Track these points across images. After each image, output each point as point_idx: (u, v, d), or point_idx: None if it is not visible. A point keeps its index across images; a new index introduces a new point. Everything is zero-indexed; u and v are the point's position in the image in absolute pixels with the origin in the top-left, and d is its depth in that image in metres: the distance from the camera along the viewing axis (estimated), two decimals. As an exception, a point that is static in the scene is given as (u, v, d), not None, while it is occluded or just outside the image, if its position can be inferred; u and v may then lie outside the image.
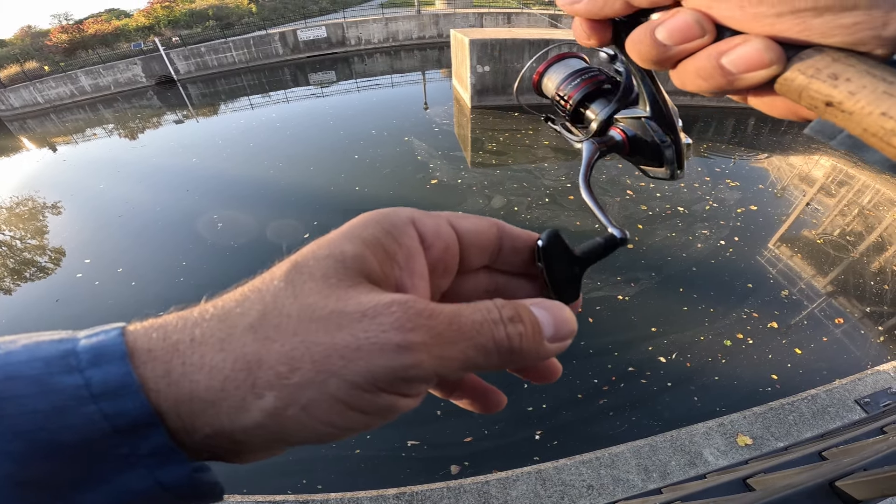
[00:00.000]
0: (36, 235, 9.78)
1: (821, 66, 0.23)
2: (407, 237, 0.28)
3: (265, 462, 1.45)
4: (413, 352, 0.23)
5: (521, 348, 0.26)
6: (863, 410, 3.36)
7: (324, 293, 0.25)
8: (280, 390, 0.23)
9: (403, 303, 0.24)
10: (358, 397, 0.23)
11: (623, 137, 0.43)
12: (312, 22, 27.53)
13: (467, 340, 0.25)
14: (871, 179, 9.15)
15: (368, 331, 0.23)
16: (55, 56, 25.85)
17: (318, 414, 0.23)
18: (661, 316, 5.71)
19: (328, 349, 0.23)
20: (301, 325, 0.24)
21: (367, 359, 0.23)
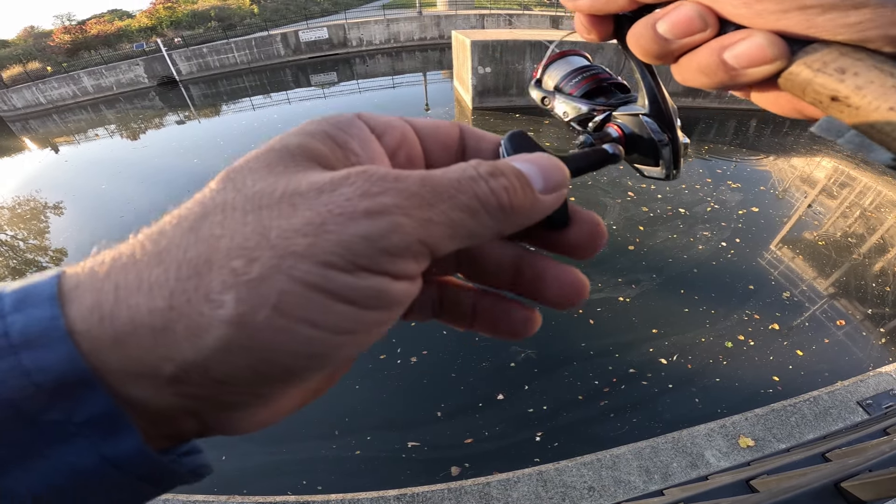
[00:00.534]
0: (37, 236, 9.80)
1: (827, 61, 0.22)
2: (356, 128, 0.24)
3: (265, 462, 1.45)
4: (387, 214, 0.19)
5: (512, 204, 0.23)
6: (865, 412, 3.35)
7: (270, 180, 0.21)
8: (239, 289, 0.18)
9: (362, 171, 0.21)
10: (338, 281, 0.19)
11: (620, 134, 0.42)
12: (314, 23, 27.59)
13: (447, 200, 0.21)
14: (872, 181, 9.14)
15: (330, 203, 0.19)
16: (58, 56, 25.92)
17: (296, 311, 0.18)
18: (661, 317, 5.70)
19: (286, 231, 0.19)
20: (249, 214, 0.20)
21: (336, 230, 0.19)
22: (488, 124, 12.48)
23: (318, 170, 0.22)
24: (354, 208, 0.19)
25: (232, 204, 0.20)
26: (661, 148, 0.40)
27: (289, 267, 0.18)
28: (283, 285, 0.18)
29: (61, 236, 9.46)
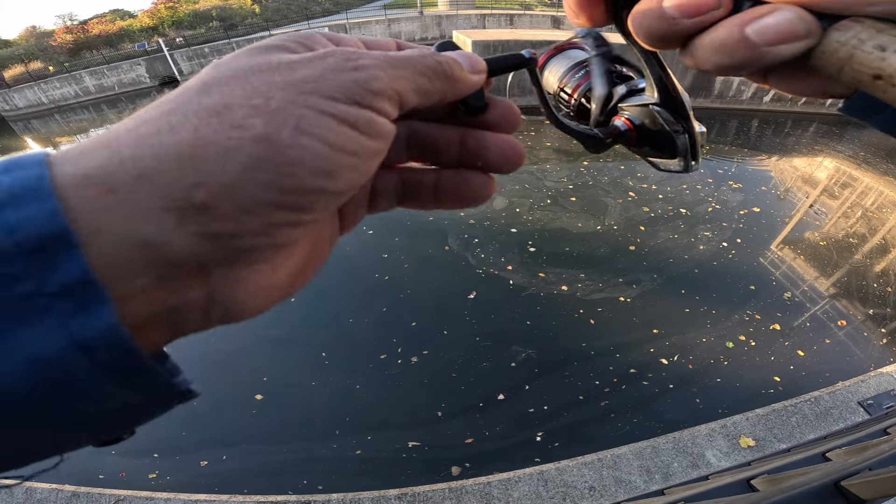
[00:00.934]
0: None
1: (864, 38, 0.20)
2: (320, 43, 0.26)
3: (266, 462, 1.45)
4: (368, 69, 0.23)
5: (453, 74, 0.27)
6: (866, 412, 3.35)
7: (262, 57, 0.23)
8: (263, 116, 0.20)
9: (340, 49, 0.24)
10: (341, 108, 0.22)
11: (629, 126, 0.40)
12: (315, 23, 27.61)
13: (409, 66, 0.25)
14: (874, 182, 9.13)
15: (322, 66, 0.23)
16: (59, 56, 25.94)
17: (313, 130, 0.21)
18: (662, 318, 5.70)
19: (292, 81, 0.22)
20: (253, 73, 0.22)
21: (332, 77, 0.22)
22: (489, 124, 12.46)
23: None
24: (344, 66, 0.23)
25: (233, 74, 0.22)
26: (676, 138, 0.38)
27: (303, 100, 0.21)
28: (300, 111, 0.21)
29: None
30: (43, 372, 0.17)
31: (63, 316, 0.17)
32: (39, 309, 0.17)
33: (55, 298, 0.17)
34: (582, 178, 9.35)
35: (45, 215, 0.17)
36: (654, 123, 0.39)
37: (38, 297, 0.17)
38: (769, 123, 12.47)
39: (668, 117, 0.38)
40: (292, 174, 0.21)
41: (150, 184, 0.18)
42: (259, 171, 0.20)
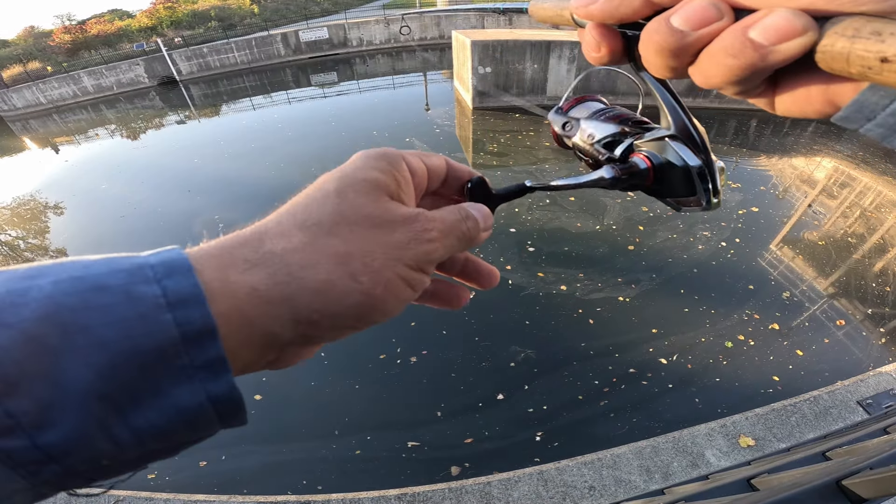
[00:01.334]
0: (38, 236, 9.79)
1: (858, 27, 0.21)
2: (404, 170, 0.37)
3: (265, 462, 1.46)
4: (435, 242, 0.34)
5: (473, 237, 0.38)
6: (865, 412, 3.35)
7: (373, 206, 0.33)
8: (370, 275, 0.31)
9: (423, 213, 0.35)
10: (410, 275, 0.33)
11: (648, 165, 0.40)
12: (314, 23, 27.60)
13: (453, 233, 0.36)
14: (872, 181, 9.14)
15: (411, 231, 0.33)
16: (58, 56, 25.92)
17: (391, 289, 0.32)
18: (661, 317, 5.70)
19: (391, 245, 0.32)
20: (368, 230, 0.32)
21: (415, 248, 0.33)
22: (488, 124, 12.48)
23: (394, 202, 0.34)
24: (423, 237, 0.34)
25: (354, 221, 0.32)
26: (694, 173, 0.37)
27: (392, 265, 0.32)
28: (389, 275, 0.32)
29: (61, 236, 9.46)
30: (185, 416, 0.25)
31: (203, 381, 0.25)
32: (188, 376, 0.25)
33: (199, 369, 0.25)
34: (581, 178, 9.33)
35: (203, 317, 0.25)
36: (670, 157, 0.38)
37: (188, 368, 0.25)
38: (767, 123, 12.48)
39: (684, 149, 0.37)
40: (369, 314, 0.31)
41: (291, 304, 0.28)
42: (354, 309, 0.30)
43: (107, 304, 0.23)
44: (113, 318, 0.23)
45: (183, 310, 0.25)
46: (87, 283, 0.23)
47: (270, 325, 0.28)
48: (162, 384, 0.24)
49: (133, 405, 0.23)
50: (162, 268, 0.26)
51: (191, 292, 0.25)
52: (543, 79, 12.90)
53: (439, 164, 0.42)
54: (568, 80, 12.86)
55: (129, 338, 0.23)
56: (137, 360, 0.23)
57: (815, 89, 0.26)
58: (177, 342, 0.24)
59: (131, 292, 0.24)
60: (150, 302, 0.24)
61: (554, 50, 12.42)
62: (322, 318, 0.29)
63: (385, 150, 0.38)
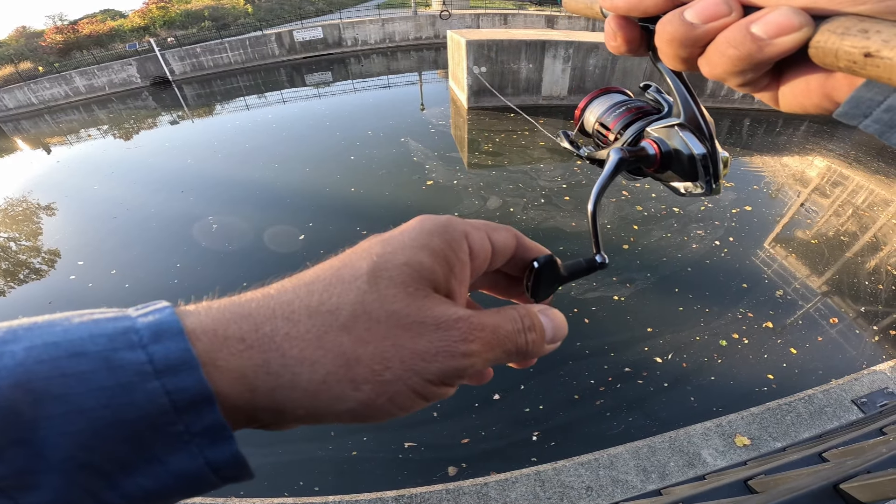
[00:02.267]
0: (29, 237, 9.71)
1: (849, 25, 0.23)
2: (462, 252, 0.33)
3: (262, 464, 1.45)
4: (471, 357, 0.30)
5: (531, 351, 0.33)
6: (860, 411, 3.37)
7: (405, 301, 0.29)
8: (375, 385, 0.27)
9: (467, 318, 0.30)
10: (427, 389, 0.29)
11: (656, 150, 0.42)
12: (309, 23, 27.51)
13: (502, 346, 0.32)
14: (865, 180, 9.21)
15: (443, 340, 0.29)
16: (49, 57, 25.72)
17: (398, 402, 0.28)
18: (656, 316, 5.72)
19: (413, 353, 0.28)
20: (390, 330, 0.28)
21: (442, 362, 0.29)
22: (483, 123, 12.49)
23: (435, 298, 0.30)
24: (456, 350, 0.29)
25: (377, 317, 0.28)
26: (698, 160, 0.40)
27: (407, 378, 0.28)
28: (399, 388, 0.28)
29: (54, 237, 9.38)
30: (184, 482, 0.25)
31: (201, 447, 0.24)
32: (184, 442, 0.24)
33: (196, 436, 0.24)
34: (575, 178, 9.37)
35: (197, 383, 0.24)
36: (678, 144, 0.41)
37: (184, 435, 0.24)
38: (761, 122, 12.55)
39: (692, 138, 0.40)
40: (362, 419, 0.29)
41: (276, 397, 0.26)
42: (347, 414, 0.28)
43: (84, 371, 0.22)
44: (91, 386, 0.22)
45: (172, 377, 0.23)
46: (62, 350, 0.22)
47: (251, 409, 0.26)
48: (155, 452, 0.23)
49: (123, 472, 0.22)
50: (149, 331, 0.24)
51: (181, 358, 0.24)
52: (538, 79, 12.91)
53: (507, 243, 0.37)
54: (563, 79, 12.87)
55: (109, 407, 0.22)
56: (121, 429, 0.22)
57: (814, 84, 0.28)
58: (167, 410, 0.23)
59: (111, 359, 0.23)
60: (133, 370, 0.23)
61: (549, 50, 12.43)
62: (307, 416, 0.27)
63: (448, 221, 0.33)
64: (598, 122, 0.50)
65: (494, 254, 0.36)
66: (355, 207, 8.76)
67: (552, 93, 13.11)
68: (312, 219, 8.42)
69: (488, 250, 0.35)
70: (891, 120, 0.24)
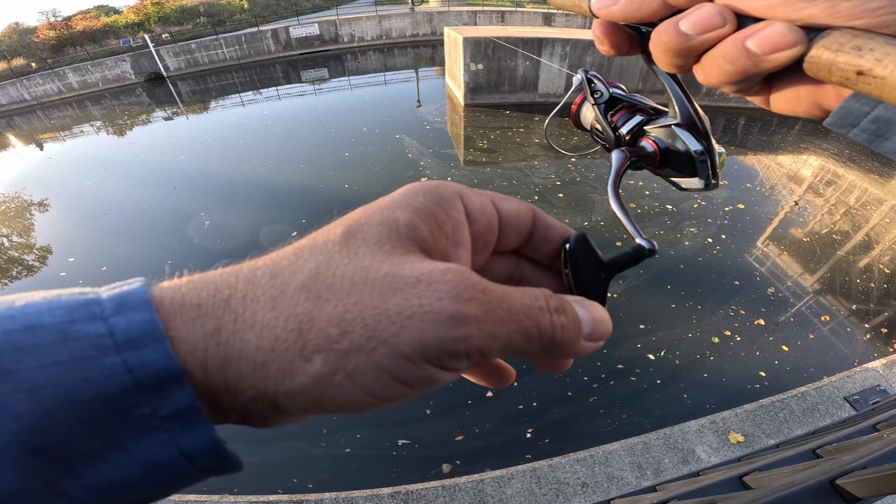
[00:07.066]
0: (21, 233, 9.64)
1: (843, 42, 0.23)
2: (455, 210, 0.28)
3: (255, 461, 1.44)
4: (465, 325, 0.23)
5: (561, 341, 0.26)
6: (852, 408, 3.39)
7: (378, 257, 0.24)
8: (328, 354, 0.22)
9: (460, 272, 0.24)
10: (403, 368, 0.22)
11: (655, 148, 0.43)
12: (305, 19, 27.41)
13: (515, 322, 0.24)
14: (858, 179, 9.26)
15: (423, 297, 0.23)
16: (43, 53, 25.53)
17: (363, 382, 0.22)
18: (648, 313, 5.74)
19: (380, 313, 0.22)
20: (355, 286, 0.23)
21: (419, 326, 0.22)
22: (479, 120, 12.48)
23: (419, 255, 0.25)
24: (442, 310, 0.22)
25: (341, 272, 0.24)
26: (698, 158, 0.40)
27: (371, 348, 0.22)
28: (362, 361, 0.22)
29: (45, 234, 9.31)
30: (156, 473, 0.21)
31: (172, 433, 0.21)
32: (152, 427, 0.21)
33: (166, 420, 0.21)
34: (569, 175, 9.38)
35: (162, 358, 0.21)
36: (676, 143, 0.41)
37: (152, 419, 0.21)
38: (755, 121, 12.60)
39: (689, 137, 0.40)
40: (322, 405, 0.23)
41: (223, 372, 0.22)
42: (299, 395, 0.22)
43: (37, 344, 0.20)
44: (43, 361, 0.19)
45: (134, 350, 0.20)
46: (17, 322, 0.20)
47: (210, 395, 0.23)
48: (119, 437, 0.20)
49: (83, 460, 0.20)
50: (112, 303, 0.22)
51: (144, 329, 0.21)
52: (535, 76, 12.91)
53: (519, 213, 0.31)
54: (560, 76, 12.87)
55: (62, 385, 0.19)
56: (76, 410, 0.19)
57: (804, 92, 0.28)
58: (130, 389, 0.20)
59: (67, 332, 0.20)
60: (90, 342, 0.20)
61: (546, 47, 12.43)
62: (258, 398, 0.23)
63: (440, 183, 0.29)
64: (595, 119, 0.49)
65: (504, 224, 0.31)
66: (349, 204, 8.40)
67: (549, 90, 13.11)
68: (306, 215, 8.39)
69: (493, 216, 0.30)
70: (877, 130, 0.25)
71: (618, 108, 0.48)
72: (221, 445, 0.23)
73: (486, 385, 0.35)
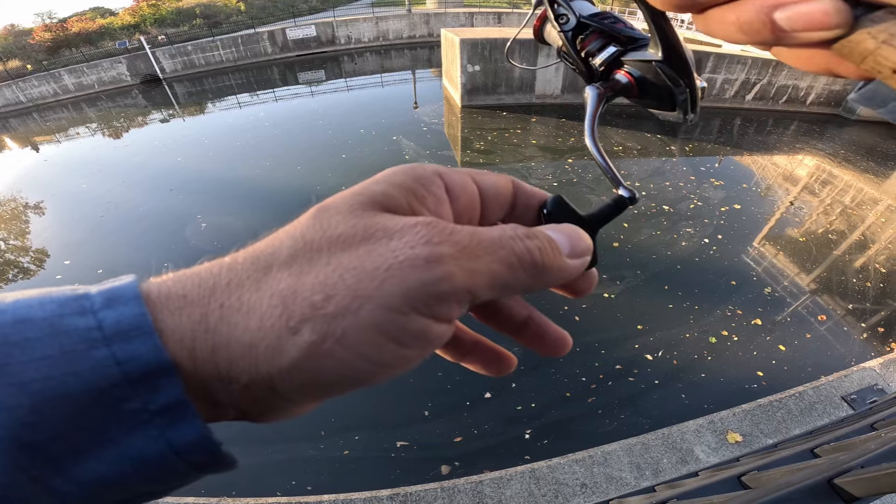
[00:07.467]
0: (18, 236, 9.60)
1: (895, 32, 0.20)
2: (434, 186, 0.27)
3: (254, 462, 1.43)
4: (442, 264, 0.23)
5: (544, 262, 0.26)
6: (850, 407, 3.40)
7: (351, 223, 0.24)
8: (315, 322, 0.22)
9: (428, 222, 0.24)
10: (392, 322, 0.22)
11: (630, 80, 0.40)
12: (302, 21, 27.39)
13: (491, 254, 0.24)
14: (854, 179, 9.30)
15: (397, 249, 0.23)
16: (38, 55, 25.43)
17: (354, 345, 0.22)
18: (646, 314, 5.75)
19: (360, 273, 0.22)
20: (333, 256, 0.23)
21: (399, 276, 0.22)
22: (476, 122, 12.49)
23: (390, 215, 0.25)
24: (416, 255, 0.23)
25: (318, 246, 0.24)
26: (678, 94, 0.39)
27: (357, 307, 0.22)
28: (350, 322, 0.22)
29: (41, 236, 9.28)
30: (146, 469, 0.21)
31: (161, 427, 0.21)
32: (142, 422, 0.21)
33: (156, 414, 0.21)
34: (566, 175, 9.40)
35: (151, 351, 0.21)
36: (656, 78, 0.39)
37: (141, 413, 0.21)
38: (751, 122, 12.65)
39: (670, 73, 0.38)
40: (318, 379, 0.22)
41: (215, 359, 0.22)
42: (295, 371, 0.22)
43: (27, 338, 0.20)
44: (33, 355, 0.19)
45: (123, 344, 0.20)
46: (8, 316, 0.20)
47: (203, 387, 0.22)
48: (108, 432, 0.20)
49: (73, 456, 0.20)
50: (101, 297, 0.22)
51: (133, 322, 0.21)
52: (532, 77, 12.93)
53: (499, 185, 0.31)
54: (556, 78, 12.89)
55: (52, 378, 0.19)
56: (65, 404, 0.19)
57: (819, 57, 0.24)
58: (119, 383, 0.20)
59: (57, 325, 0.20)
60: (79, 336, 0.20)
61: (543, 48, 12.44)
62: (253, 383, 0.22)
63: (417, 164, 0.28)
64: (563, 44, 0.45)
65: (484, 198, 0.30)
66: None
67: (545, 91, 13.13)
68: (304, 217, 8.38)
69: (473, 191, 0.29)
70: None
71: (588, 32, 0.44)
72: (211, 440, 0.22)
73: (487, 373, 0.35)
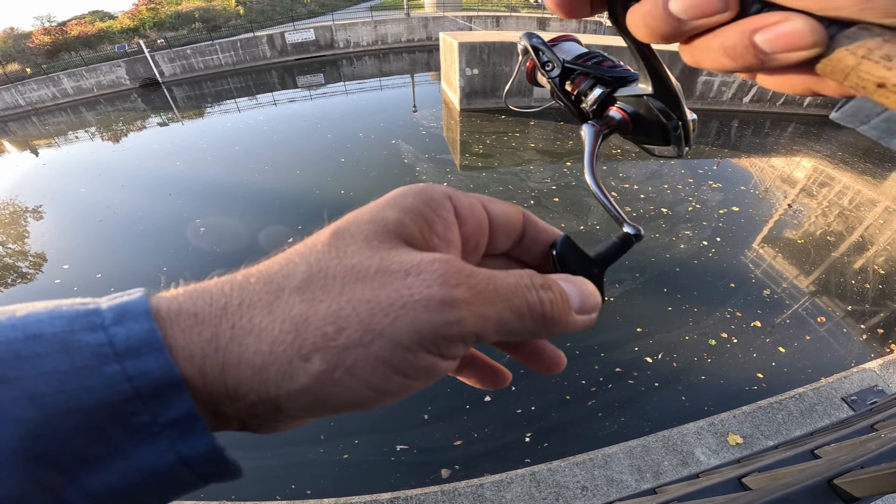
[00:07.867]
0: (16, 240, 9.58)
1: (872, 47, 0.21)
2: (444, 210, 0.28)
3: (253, 467, 1.43)
4: (456, 308, 0.23)
5: (552, 315, 0.27)
6: (850, 408, 3.41)
7: (367, 254, 0.25)
8: (326, 352, 0.22)
9: (446, 260, 0.25)
10: (401, 358, 0.23)
11: (624, 116, 0.41)
12: (300, 24, 27.42)
13: (504, 301, 0.25)
14: (851, 181, 9.32)
15: (413, 287, 0.23)
16: (37, 58, 25.40)
17: (362, 375, 0.23)
18: (645, 316, 5.75)
19: (374, 307, 0.23)
20: (347, 285, 0.24)
21: (412, 315, 0.23)
22: (475, 125, 12.51)
23: (407, 248, 0.26)
24: (432, 296, 0.23)
25: (333, 273, 0.24)
26: (671, 128, 0.39)
27: (368, 341, 0.23)
28: (360, 355, 0.23)
29: (40, 241, 9.26)
30: (157, 480, 0.22)
31: (171, 440, 0.22)
32: (152, 435, 0.21)
33: (166, 427, 0.22)
34: (565, 179, 9.41)
35: (162, 367, 0.21)
36: (648, 113, 0.40)
37: (152, 426, 0.21)
38: (749, 124, 12.68)
39: (662, 108, 0.39)
40: (324, 403, 0.24)
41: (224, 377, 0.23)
42: (303, 395, 0.23)
43: (38, 354, 0.20)
44: (44, 370, 0.20)
45: (134, 359, 0.21)
46: (19, 332, 0.21)
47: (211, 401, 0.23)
48: (119, 444, 0.21)
49: (84, 467, 0.20)
50: (112, 313, 0.22)
51: (144, 339, 0.22)
52: (530, 80, 12.94)
53: (508, 215, 0.32)
54: (553, 81, 12.90)
55: (63, 392, 0.20)
56: (77, 417, 0.20)
57: (799, 80, 0.25)
58: (131, 397, 0.21)
59: (68, 341, 0.21)
60: (91, 351, 0.21)
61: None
62: (260, 402, 0.23)
63: (429, 185, 0.29)
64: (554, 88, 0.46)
65: (494, 225, 0.31)
66: (345, 210, 8.43)
67: (544, 95, 13.08)
68: (302, 221, 8.37)
69: (482, 217, 0.30)
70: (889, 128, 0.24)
71: (575, 74, 0.44)
72: (221, 452, 0.23)
73: (482, 387, 0.36)
